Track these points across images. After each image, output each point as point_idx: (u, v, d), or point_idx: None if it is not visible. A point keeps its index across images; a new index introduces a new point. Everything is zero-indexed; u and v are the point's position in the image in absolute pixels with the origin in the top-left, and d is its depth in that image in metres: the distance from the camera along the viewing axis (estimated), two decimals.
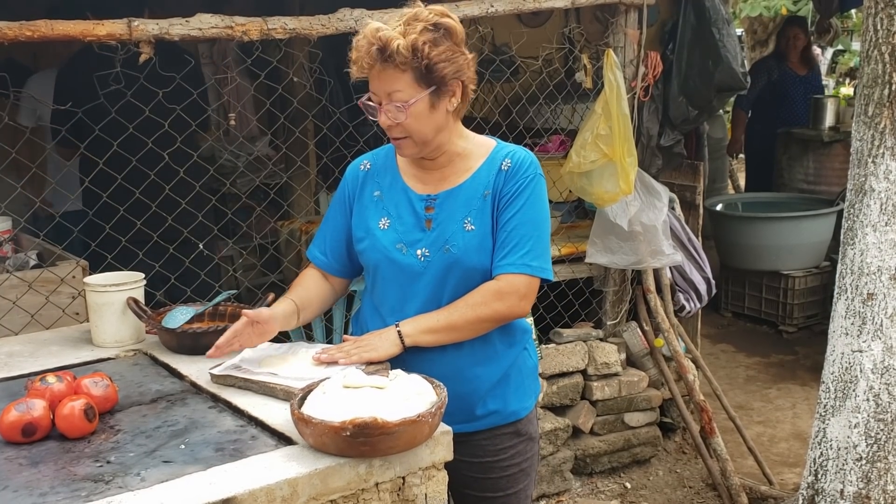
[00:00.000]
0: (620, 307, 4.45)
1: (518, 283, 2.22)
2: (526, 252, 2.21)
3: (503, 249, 2.22)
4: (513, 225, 2.21)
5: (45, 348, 2.52)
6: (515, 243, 2.21)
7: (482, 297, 2.21)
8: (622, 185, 3.91)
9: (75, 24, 2.96)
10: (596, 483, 4.32)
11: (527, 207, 2.22)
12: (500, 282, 2.22)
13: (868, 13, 2.96)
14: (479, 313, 2.21)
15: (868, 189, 2.95)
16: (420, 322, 2.21)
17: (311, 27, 3.31)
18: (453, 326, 2.21)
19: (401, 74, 2.10)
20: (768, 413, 5.14)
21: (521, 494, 2.42)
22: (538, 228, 2.24)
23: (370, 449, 1.75)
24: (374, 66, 2.10)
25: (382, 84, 2.12)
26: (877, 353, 2.94)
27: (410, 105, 2.12)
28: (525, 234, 2.21)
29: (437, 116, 2.17)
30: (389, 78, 2.10)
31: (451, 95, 2.18)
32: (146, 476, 1.72)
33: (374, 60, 2.08)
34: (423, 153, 2.24)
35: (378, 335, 2.21)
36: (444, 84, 2.15)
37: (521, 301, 2.23)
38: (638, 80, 4.20)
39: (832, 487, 3.03)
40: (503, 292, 2.21)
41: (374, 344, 2.18)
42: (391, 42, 2.06)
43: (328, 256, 2.43)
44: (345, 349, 2.18)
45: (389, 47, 2.06)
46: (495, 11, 3.68)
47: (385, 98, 2.13)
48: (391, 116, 2.13)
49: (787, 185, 7.06)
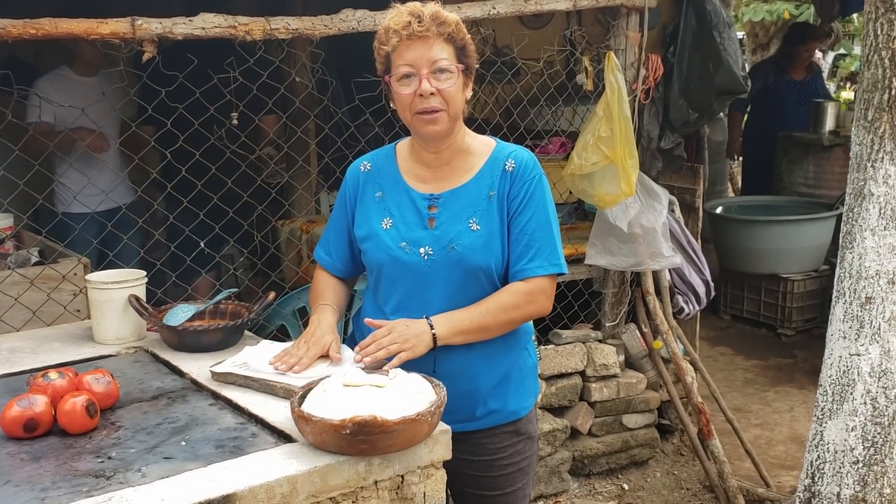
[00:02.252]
0: (619, 309, 4.46)
1: (545, 283, 2.28)
2: (550, 253, 2.27)
3: (528, 253, 2.26)
4: (532, 229, 2.26)
5: (47, 345, 2.53)
6: (538, 246, 2.26)
7: (514, 300, 2.25)
8: (623, 187, 3.92)
9: (79, 22, 2.97)
10: (593, 484, 4.33)
11: (540, 209, 2.28)
12: (529, 284, 2.26)
13: (868, 18, 2.97)
14: (512, 316, 2.26)
15: (867, 193, 2.97)
16: (453, 323, 2.21)
17: (313, 27, 3.32)
18: (485, 328, 2.24)
19: (446, 45, 2.17)
20: (766, 416, 5.15)
21: (520, 493, 2.43)
22: (553, 227, 2.30)
23: (369, 447, 1.76)
24: (418, 35, 2.14)
25: (427, 52, 2.15)
26: (874, 357, 2.95)
27: (457, 72, 2.18)
28: (545, 236, 2.27)
29: (463, 97, 2.24)
30: (436, 47, 2.16)
31: (469, 82, 2.26)
32: (147, 472, 1.73)
33: (426, 28, 2.14)
34: (449, 133, 2.25)
35: (411, 330, 2.16)
36: (470, 69, 2.25)
37: (547, 300, 2.31)
38: (639, 83, 4.21)
39: (829, 490, 3.04)
40: (534, 293, 2.26)
41: (413, 342, 2.14)
42: (442, 13, 2.17)
43: (333, 257, 2.45)
44: (383, 343, 2.13)
45: (442, 17, 2.16)
46: (497, 13, 3.69)
47: (427, 66, 2.16)
48: (435, 84, 2.16)
49: (787, 188, 7.06)
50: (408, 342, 2.13)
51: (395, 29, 2.15)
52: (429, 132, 2.23)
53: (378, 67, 2.26)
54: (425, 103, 2.17)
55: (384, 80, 2.24)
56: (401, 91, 2.19)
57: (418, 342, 2.15)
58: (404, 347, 2.12)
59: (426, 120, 2.20)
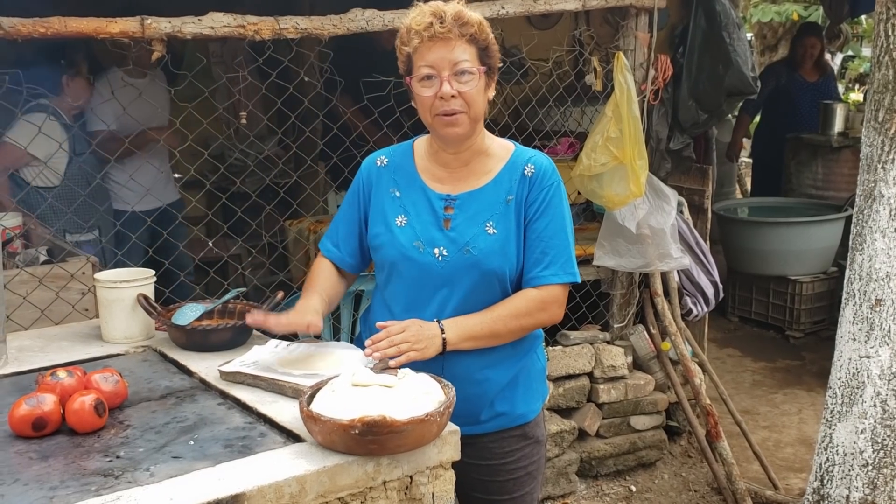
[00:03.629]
0: (627, 310, 4.45)
1: (558, 292, 2.27)
2: (565, 261, 2.26)
3: (543, 260, 2.24)
4: (548, 235, 2.24)
5: (56, 343, 2.54)
6: (554, 254, 2.24)
7: (527, 307, 2.24)
8: (633, 188, 3.91)
9: (88, 21, 2.97)
10: (601, 486, 4.32)
11: (557, 216, 2.26)
12: (542, 291, 2.25)
13: (879, 19, 2.96)
14: (524, 323, 2.25)
15: (877, 195, 2.95)
16: (463, 329, 2.19)
17: (322, 27, 3.32)
18: (495, 335, 2.23)
19: (468, 46, 2.15)
20: (774, 418, 5.14)
21: (528, 497, 2.42)
22: (568, 235, 2.29)
23: (378, 447, 1.76)
24: (440, 36, 2.12)
25: (449, 54, 2.13)
26: (884, 359, 2.94)
27: (479, 73, 2.16)
28: (561, 244, 2.25)
29: (484, 99, 2.22)
30: (458, 49, 2.14)
31: (491, 83, 2.24)
32: (155, 471, 1.73)
33: (447, 29, 2.11)
34: (469, 135, 2.23)
35: (424, 332, 2.15)
36: (492, 70, 2.22)
37: (559, 309, 2.29)
38: (648, 84, 4.20)
39: (838, 493, 3.03)
40: (546, 302, 2.25)
41: (424, 344, 2.13)
42: (465, 13, 2.14)
43: (341, 249, 2.42)
44: (395, 340, 2.10)
45: (465, 17, 2.13)
46: (506, 13, 3.69)
47: (449, 68, 2.14)
48: (456, 86, 2.14)
49: (796, 190, 7.04)
50: (419, 343, 2.12)
51: (416, 30, 2.13)
52: (449, 134, 2.21)
53: (400, 67, 2.24)
54: (446, 106, 2.15)
55: (406, 81, 2.23)
56: (422, 93, 2.17)
57: (429, 345, 2.14)
58: (415, 348, 2.10)
59: (446, 122, 2.18)
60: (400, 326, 2.14)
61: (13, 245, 3.50)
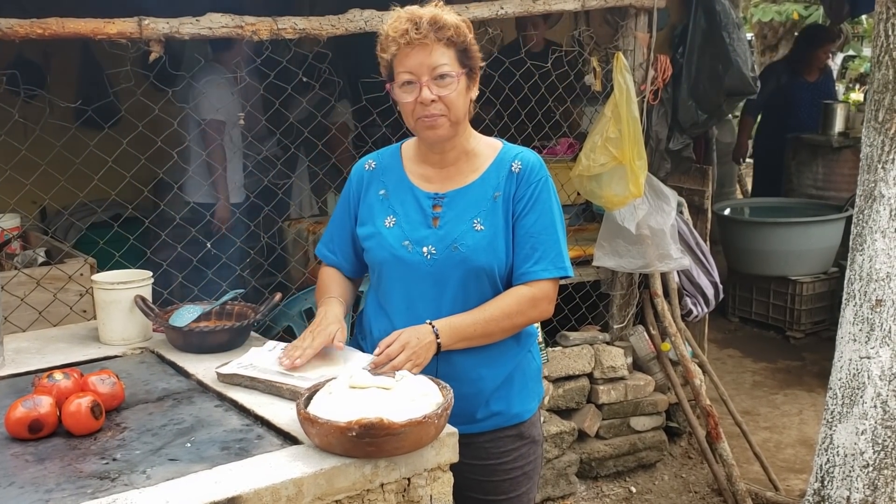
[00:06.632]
0: (627, 311, 4.44)
1: (548, 287, 2.27)
2: (555, 256, 2.26)
3: (533, 256, 2.25)
4: (537, 231, 2.25)
5: (53, 345, 2.53)
6: (544, 249, 2.25)
7: (518, 305, 2.24)
8: (632, 189, 3.90)
9: (86, 22, 2.97)
10: (601, 487, 4.31)
11: (546, 211, 2.26)
12: (532, 288, 2.25)
13: (879, 19, 2.95)
14: (515, 322, 2.26)
15: (877, 195, 2.94)
16: (456, 330, 2.20)
17: (320, 27, 3.31)
18: (488, 334, 2.24)
19: (446, 50, 2.15)
20: (775, 419, 5.13)
21: (524, 498, 2.41)
22: (558, 230, 2.29)
23: (376, 449, 1.75)
24: (417, 42, 2.12)
25: (427, 59, 2.14)
26: (885, 360, 2.93)
27: (458, 76, 2.16)
28: (550, 238, 2.26)
29: (466, 100, 2.22)
30: (435, 53, 2.14)
31: (473, 84, 2.24)
32: (152, 474, 1.72)
33: (423, 35, 2.11)
34: (452, 137, 2.24)
35: (420, 342, 2.14)
36: (473, 70, 2.22)
37: (549, 305, 2.30)
38: (647, 84, 4.20)
39: (838, 494, 3.02)
40: (537, 298, 2.26)
41: (422, 356, 2.13)
42: (441, 17, 2.13)
43: (336, 255, 2.44)
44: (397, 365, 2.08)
45: (441, 21, 2.13)
46: (505, 13, 3.68)
47: (428, 73, 2.14)
48: (436, 91, 2.15)
49: (796, 190, 7.04)
50: (419, 357, 2.13)
51: (393, 36, 2.14)
52: (430, 137, 2.23)
53: (382, 72, 2.26)
54: (426, 110, 2.17)
55: (387, 87, 2.24)
56: (403, 98, 2.19)
57: (426, 353, 2.15)
58: (417, 364, 2.11)
59: (427, 125, 2.20)
60: (398, 345, 2.12)
61: (11, 246, 3.50)
